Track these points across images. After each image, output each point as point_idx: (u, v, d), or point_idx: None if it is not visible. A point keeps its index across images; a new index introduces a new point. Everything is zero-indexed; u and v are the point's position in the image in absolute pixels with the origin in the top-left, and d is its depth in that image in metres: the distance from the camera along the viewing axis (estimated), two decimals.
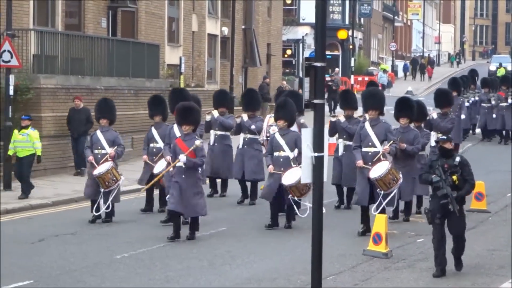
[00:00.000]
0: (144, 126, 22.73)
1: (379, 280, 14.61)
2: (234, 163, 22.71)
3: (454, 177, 14.19)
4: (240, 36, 45.84)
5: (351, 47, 65.11)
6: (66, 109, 27.27)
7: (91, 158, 19.30)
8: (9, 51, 24.02)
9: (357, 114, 22.27)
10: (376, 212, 17.53)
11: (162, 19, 38.23)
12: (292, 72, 60.05)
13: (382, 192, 17.62)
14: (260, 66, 49.02)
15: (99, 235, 18.85)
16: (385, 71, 71.42)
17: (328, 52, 72.71)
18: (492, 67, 69.46)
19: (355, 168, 18.69)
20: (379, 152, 17.99)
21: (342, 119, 21.21)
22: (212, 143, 23.18)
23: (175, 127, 19.72)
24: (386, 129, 18.42)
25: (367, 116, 19.09)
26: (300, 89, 48.14)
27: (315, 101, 9.14)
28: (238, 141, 22.98)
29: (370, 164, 17.87)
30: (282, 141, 18.49)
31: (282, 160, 18.37)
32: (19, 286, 14.45)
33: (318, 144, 9.30)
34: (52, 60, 28.92)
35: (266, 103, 46.52)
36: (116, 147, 19.48)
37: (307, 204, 18.06)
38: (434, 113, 24.56)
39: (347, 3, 68.21)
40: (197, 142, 17.62)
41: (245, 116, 22.61)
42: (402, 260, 16.04)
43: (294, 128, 19.50)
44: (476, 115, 35.40)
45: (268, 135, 20.77)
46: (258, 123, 22.09)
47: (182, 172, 17.16)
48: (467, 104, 34.25)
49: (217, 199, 23.01)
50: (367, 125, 18.55)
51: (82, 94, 28.17)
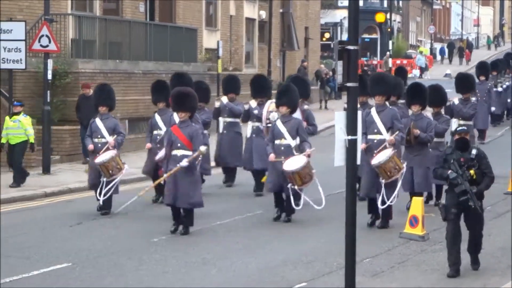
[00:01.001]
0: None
1: (415, 263, 14.55)
2: (244, 153, 22.04)
3: (472, 171, 13.46)
4: (277, 20, 45.82)
5: (389, 30, 64.84)
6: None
7: (91, 147, 18.82)
8: (47, 36, 24.14)
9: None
10: (383, 206, 17.17)
11: (199, 3, 38.28)
12: (330, 55, 59.92)
13: (384, 181, 17.02)
14: (298, 50, 48.99)
15: (136, 218, 18.94)
16: (423, 54, 71.10)
17: (366, 35, 73.36)
18: None
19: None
20: (385, 139, 17.38)
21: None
22: (221, 131, 22.70)
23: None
24: (393, 115, 17.71)
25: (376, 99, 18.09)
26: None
27: (349, 84, 9.11)
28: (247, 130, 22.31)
29: (375, 152, 17.28)
30: (283, 128, 17.76)
31: (283, 148, 17.66)
32: (57, 268, 14.49)
33: (352, 128, 9.27)
34: (90, 44, 29.08)
35: None
36: (115, 136, 18.92)
37: (322, 196, 17.63)
38: (455, 98, 24.32)
39: None
40: (202, 148, 16.97)
41: (253, 103, 21.96)
42: (439, 242, 15.67)
43: (297, 115, 18.82)
44: (508, 99, 34.61)
45: (268, 122, 19.93)
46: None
47: (178, 161, 16.46)
48: (500, 89, 33.95)
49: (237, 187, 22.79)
50: (373, 111, 17.90)
51: (121, 79, 28.30)
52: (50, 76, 24.59)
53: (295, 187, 17.17)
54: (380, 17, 61.90)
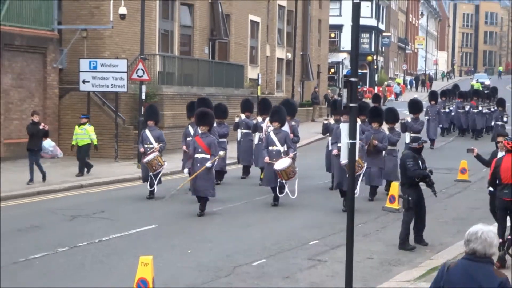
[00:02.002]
0: (230, 121, 22.16)
1: (393, 227, 14.44)
2: (255, 155, 21.03)
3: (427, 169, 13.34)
4: (299, 59, 45.70)
5: (375, 67, 64.50)
6: (181, 109, 26.53)
7: (142, 150, 18.04)
8: (142, 69, 24.22)
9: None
10: (357, 195, 16.33)
11: (245, 47, 38.29)
12: (334, 84, 59.86)
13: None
14: (312, 80, 48.82)
15: (184, 200, 17.92)
16: (398, 84, 70.71)
17: (359, 71, 72.81)
18: (473, 82, 68.07)
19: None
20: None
21: (332, 121, 19.68)
22: (239, 139, 21.77)
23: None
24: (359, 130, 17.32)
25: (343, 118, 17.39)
26: (338, 96, 47.66)
27: (351, 104, 9.05)
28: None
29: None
30: (275, 138, 17.18)
31: (274, 153, 17.00)
32: (146, 229, 14.47)
33: (352, 134, 9.19)
34: (171, 75, 29.16)
35: (316, 105, 46.51)
36: (160, 144, 17.99)
37: (296, 188, 17.05)
38: (408, 117, 23.84)
39: (373, 36, 67.60)
40: (221, 153, 16.90)
41: (259, 118, 21.18)
42: None
43: (286, 128, 18.18)
44: (453, 118, 34.26)
45: (266, 133, 18.89)
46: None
47: (199, 162, 15.64)
48: (447, 110, 33.59)
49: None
50: (342, 126, 17.19)
51: (192, 99, 28.24)
52: (143, 97, 24.68)
53: (283, 181, 16.69)
54: (369, 58, 61.65)
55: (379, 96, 31.03)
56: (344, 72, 59.33)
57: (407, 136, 21.29)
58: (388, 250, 13.08)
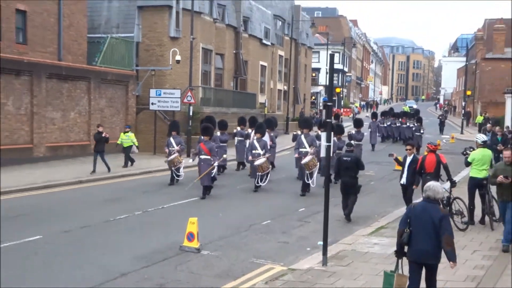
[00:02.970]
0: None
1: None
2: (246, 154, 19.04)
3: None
4: (291, 90, 45.49)
5: (341, 95, 64.00)
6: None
7: (167, 150, 17.03)
8: (190, 96, 24.22)
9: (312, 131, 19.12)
10: (313, 185, 15.54)
11: (257, 82, 38.20)
12: (315, 107, 59.42)
13: (307, 171, 15.28)
14: (300, 104, 48.57)
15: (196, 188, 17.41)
16: (356, 107, 70.21)
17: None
18: (404, 106, 67.19)
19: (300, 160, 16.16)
20: (308, 151, 15.78)
21: (299, 132, 17.59)
22: (236, 144, 20.71)
23: (200, 138, 16.43)
24: (312, 139, 16.31)
25: (304, 131, 16.64)
26: (317, 114, 47.18)
27: (328, 120, 9.03)
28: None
29: (303, 157, 15.75)
30: (257, 144, 16.38)
31: (256, 154, 16.19)
32: (189, 201, 14.30)
33: (328, 139, 9.16)
34: (208, 99, 29.08)
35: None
36: (180, 146, 17.05)
37: (266, 179, 15.99)
38: (353, 130, 22.48)
39: (340, 76, 67.06)
40: (224, 156, 16.78)
41: (250, 130, 19.93)
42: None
43: (266, 138, 17.46)
44: (389, 130, 32.70)
45: (252, 140, 17.54)
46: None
47: (202, 161, 14.70)
48: (385, 125, 32.54)
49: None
50: (302, 136, 16.38)
51: (222, 115, 27.98)
52: (191, 114, 24.62)
53: (260, 174, 15.84)
54: (338, 89, 60.83)
55: (339, 114, 30.66)
56: (321, 99, 59.10)
57: (353, 143, 20.27)
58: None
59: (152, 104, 24.73)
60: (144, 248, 9.83)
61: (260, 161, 15.88)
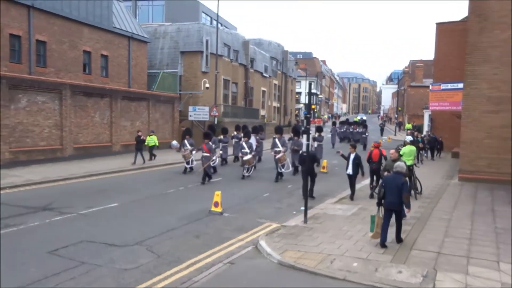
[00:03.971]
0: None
1: (319, 181, 13.47)
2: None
3: None
4: (282, 107, 45.23)
5: (315, 110, 63.34)
6: (232, 129, 22.86)
7: (182, 150, 15.33)
8: (215, 110, 24.08)
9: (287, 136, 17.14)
10: (285, 170, 14.35)
11: (259, 101, 37.95)
12: (298, 119, 58.82)
13: (280, 164, 14.28)
14: (288, 116, 48.27)
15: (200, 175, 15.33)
16: (325, 117, 69.70)
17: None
18: (356, 118, 66.43)
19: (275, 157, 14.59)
20: (281, 150, 14.42)
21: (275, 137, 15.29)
22: (233, 144, 18.80)
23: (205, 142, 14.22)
24: (283, 141, 14.81)
25: (277, 136, 15.03)
26: (300, 123, 46.44)
27: (306, 127, 8.95)
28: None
29: (276, 154, 14.43)
30: (245, 145, 14.73)
31: (244, 152, 14.59)
32: (214, 181, 13.51)
33: (307, 139, 9.05)
34: (227, 113, 28.71)
35: (289, 127, 45.47)
36: (192, 147, 15.20)
37: (252, 170, 14.82)
38: (316, 134, 19.45)
39: (314, 97, 66.31)
40: (219, 153, 15.23)
41: (239, 133, 18.52)
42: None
43: (253, 140, 16.19)
44: (344, 134, 31.01)
45: (241, 142, 15.81)
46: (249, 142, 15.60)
47: (203, 157, 13.50)
48: (342, 130, 31.21)
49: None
50: (276, 139, 14.88)
51: (238, 124, 27.56)
52: (216, 122, 24.45)
53: (247, 166, 14.47)
54: (313, 106, 60.17)
55: (321, 126, 28.56)
56: (302, 113, 58.65)
57: (315, 143, 17.93)
58: (320, 189, 12.40)
59: (190, 116, 24.53)
60: (185, 211, 9.80)
61: (247, 157, 14.66)
